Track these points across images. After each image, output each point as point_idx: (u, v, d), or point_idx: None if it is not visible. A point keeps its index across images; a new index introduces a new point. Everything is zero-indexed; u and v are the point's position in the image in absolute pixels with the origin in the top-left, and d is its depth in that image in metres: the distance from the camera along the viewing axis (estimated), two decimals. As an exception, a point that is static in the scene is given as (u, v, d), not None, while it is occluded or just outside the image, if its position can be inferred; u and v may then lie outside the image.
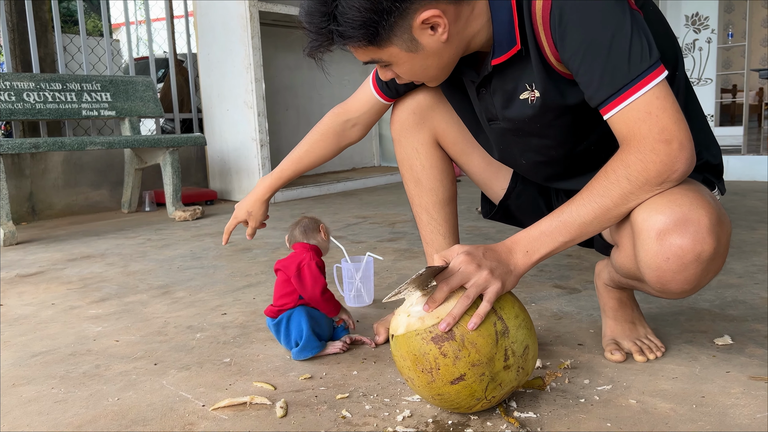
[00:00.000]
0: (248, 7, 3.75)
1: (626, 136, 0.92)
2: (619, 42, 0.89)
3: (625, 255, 1.02)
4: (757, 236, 2.25)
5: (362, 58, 0.99)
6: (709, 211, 0.89)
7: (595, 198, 0.94)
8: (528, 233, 0.98)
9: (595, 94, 0.93)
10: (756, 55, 10.05)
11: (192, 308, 1.68)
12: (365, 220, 3.07)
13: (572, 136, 1.09)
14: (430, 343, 0.89)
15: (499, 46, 1.00)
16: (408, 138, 1.36)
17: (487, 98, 1.11)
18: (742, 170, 3.98)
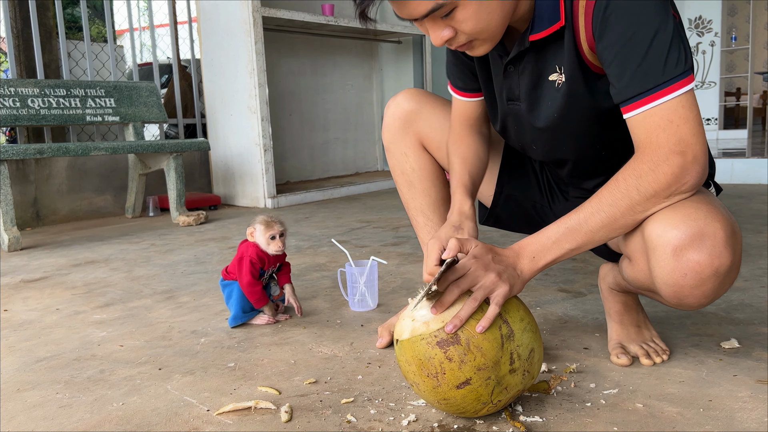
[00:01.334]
0: (251, 12, 3.76)
1: (643, 141, 0.91)
2: (660, 42, 0.88)
3: (639, 269, 0.99)
4: (762, 239, 2.24)
5: (422, 6, 0.89)
6: (724, 224, 0.88)
7: (604, 207, 0.93)
8: (535, 239, 0.98)
9: (624, 89, 0.91)
10: (760, 58, 10.02)
11: (196, 313, 1.68)
12: (369, 225, 3.07)
13: (587, 134, 1.08)
14: (435, 348, 0.89)
15: (539, 21, 0.98)
16: (396, 144, 1.39)
17: (513, 77, 1.09)
18: (746, 173, 3.96)
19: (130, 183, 3.75)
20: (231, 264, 1.56)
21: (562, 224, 0.97)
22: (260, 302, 1.52)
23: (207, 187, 4.46)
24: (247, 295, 1.50)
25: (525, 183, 1.35)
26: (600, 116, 1.03)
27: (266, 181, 3.94)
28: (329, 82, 5.16)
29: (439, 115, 1.36)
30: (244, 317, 1.53)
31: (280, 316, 1.57)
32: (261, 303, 1.52)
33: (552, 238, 0.97)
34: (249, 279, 1.49)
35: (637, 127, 0.92)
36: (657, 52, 0.87)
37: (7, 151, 2.75)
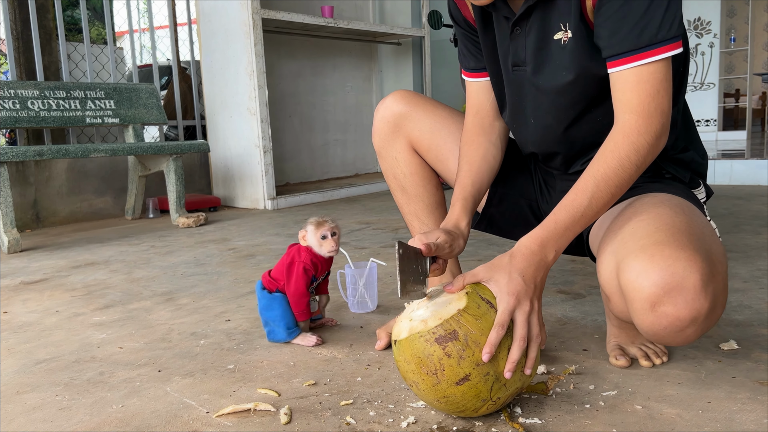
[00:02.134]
0: (251, 14, 3.76)
1: (635, 107, 0.95)
2: (658, 4, 0.92)
3: (619, 309, 0.99)
4: (761, 240, 2.25)
5: None
6: (699, 269, 0.86)
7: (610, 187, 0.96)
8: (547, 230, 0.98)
9: (618, 44, 0.94)
10: (759, 59, 10.04)
11: (196, 315, 1.68)
12: (368, 226, 3.07)
13: (587, 94, 1.08)
14: (434, 344, 0.89)
15: None
16: (387, 148, 1.38)
17: (520, 39, 1.10)
18: (746, 174, 3.97)
19: (130, 185, 3.75)
20: (276, 269, 1.40)
21: (569, 210, 0.97)
22: (303, 315, 1.39)
23: (207, 188, 4.47)
24: (294, 304, 1.36)
25: (520, 182, 1.34)
26: (600, 79, 1.04)
27: (266, 183, 3.95)
28: (329, 83, 5.17)
29: (430, 118, 1.35)
30: (291, 334, 1.38)
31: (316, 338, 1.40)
32: (304, 317, 1.39)
33: (564, 225, 0.97)
34: (300, 287, 1.35)
35: (627, 87, 0.95)
36: (654, 14, 0.92)
37: (6, 153, 2.75)
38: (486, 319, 0.91)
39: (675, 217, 0.95)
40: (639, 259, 0.88)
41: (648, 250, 0.88)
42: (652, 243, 0.89)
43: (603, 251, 0.98)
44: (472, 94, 1.28)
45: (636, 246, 0.90)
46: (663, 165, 1.14)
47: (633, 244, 0.91)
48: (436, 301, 0.96)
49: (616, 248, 0.94)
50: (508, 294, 0.92)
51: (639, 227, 0.94)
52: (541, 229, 0.98)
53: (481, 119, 1.27)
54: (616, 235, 0.97)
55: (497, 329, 0.89)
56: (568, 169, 1.21)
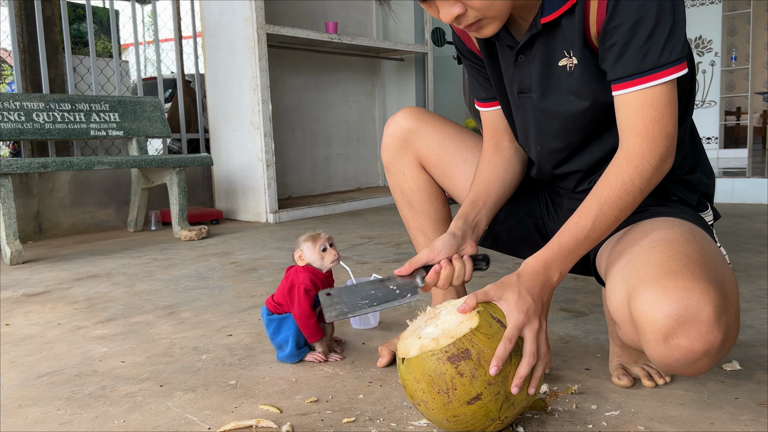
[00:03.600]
0: (256, 29, 3.80)
1: (640, 131, 0.96)
2: (662, 29, 0.93)
3: (629, 338, 0.98)
4: (762, 260, 2.25)
5: None
6: (713, 300, 0.85)
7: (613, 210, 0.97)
8: (552, 252, 0.99)
9: (623, 68, 0.95)
10: (759, 77, 10.08)
11: (198, 329, 1.68)
12: (370, 241, 3.08)
13: (595, 117, 1.09)
14: (447, 363, 0.89)
15: (550, 4, 1.01)
16: (395, 163, 1.39)
17: (524, 67, 1.11)
18: (747, 193, 3.98)
19: (133, 197, 3.76)
20: (278, 293, 1.38)
21: (572, 233, 0.98)
22: (314, 336, 1.35)
23: (209, 201, 4.48)
24: (302, 327, 1.33)
25: (526, 200, 1.35)
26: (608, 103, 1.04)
27: (268, 196, 3.96)
28: (332, 98, 5.20)
29: (439, 134, 1.36)
30: (299, 354, 1.37)
31: (332, 355, 1.39)
32: (315, 338, 1.35)
33: (568, 247, 0.98)
34: (304, 309, 1.32)
35: (631, 111, 0.96)
36: (658, 38, 0.93)
37: (11, 165, 2.76)
38: (497, 339, 0.91)
39: (686, 245, 0.94)
40: (652, 289, 0.87)
41: (661, 281, 0.87)
42: (665, 272, 0.88)
43: (612, 277, 0.97)
44: (487, 121, 1.30)
45: (648, 275, 0.89)
46: (670, 187, 1.14)
47: (645, 272, 0.90)
48: (445, 319, 0.96)
49: (627, 275, 0.93)
50: (518, 311, 0.93)
51: (650, 254, 0.93)
52: (545, 250, 0.99)
53: (497, 141, 1.28)
54: (626, 261, 0.96)
55: (505, 343, 0.90)
56: (576, 188, 1.22)
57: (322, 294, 1.03)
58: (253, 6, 3.78)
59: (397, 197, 1.43)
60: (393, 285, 1.04)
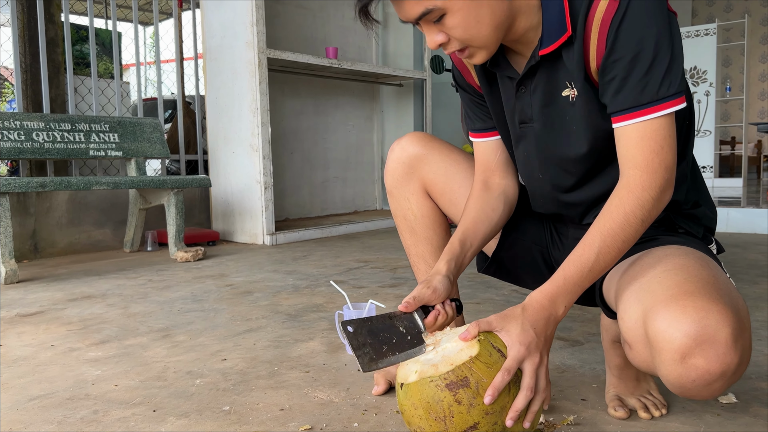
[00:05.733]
0: (257, 53, 3.84)
1: (639, 163, 0.97)
2: (661, 63, 0.95)
3: (641, 359, 0.96)
4: (759, 290, 2.25)
5: (413, 10, 0.96)
6: (731, 323, 0.85)
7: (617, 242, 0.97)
8: (556, 285, 0.99)
9: (622, 100, 0.97)
10: (754, 108, 10.22)
11: (192, 353, 1.67)
12: (367, 265, 3.08)
13: (597, 148, 1.10)
14: (445, 390, 0.89)
15: (548, 36, 1.02)
16: (399, 189, 1.38)
17: (525, 98, 1.12)
18: (742, 223, 4.00)
19: (130, 217, 3.76)
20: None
21: (577, 265, 0.98)
22: None
23: (206, 222, 4.48)
24: None
25: (531, 228, 1.35)
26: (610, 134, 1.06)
27: (266, 218, 3.96)
28: (331, 122, 5.23)
29: (445, 161, 1.36)
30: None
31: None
32: None
33: (572, 280, 0.98)
34: None
35: (631, 143, 0.97)
36: (657, 72, 0.95)
37: (9, 184, 2.76)
38: (497, 368, 0.91)
39: (701, 270, 0.95)
40: (670, 309, 0.86)
41: (680, 301, 0.87)
42: (683, 293, 0.88)
43: (626, 299, 0.97)
44: (479, 153, 1.30)
45: (666, 295, 0.89)
46: (677, 221, 1.15)
47: (662, 293, 0.90)
48: (445, 346, 0.96)
49: (642, 297, 0.93)
50: (519, 343, 0.93)
51: (666, 277, 0.94)
52: (550, 284, 0.99)
53: (487, 177, 1.28)
54: (640, 284, 0.96)
55: (503, 374, 0.90)
56: (582, 220, 1.22)
57: (345, 328, 1.01)
58: (255, 31, 3.83)
59: (399, 223, 1.42)
60: (399, 324, 1.03)
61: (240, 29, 3.93)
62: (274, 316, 2.05)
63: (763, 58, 10.16)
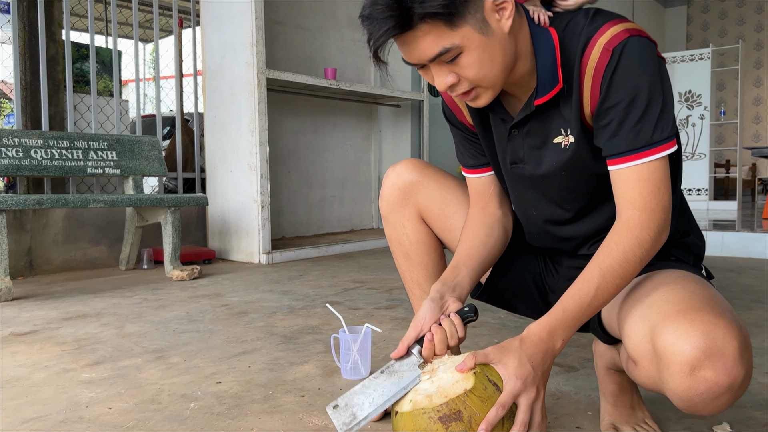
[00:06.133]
0: (256, 73, 3.87)
1: (638, 204, 0.99)
2: (654, 109, 0.98)
3: (647, 375, 0.97)
4: (753, 317, 2.26)
5: (430, 50, 0.96)
6: (737, 337, 0.87)
7: (615, 279, 0.99)
8: (555, 319, 0.99)
9: (618, 144, 0.99)
10: (748, 131, 10.31)
11: (187, 375, 1.67)
12: (363, 285, 3.07)
13: (589, 188, 1.12)
14: (438, 423, 0.89)
15: (543, 85, 1.04)
16: (395, 214, 1.40)
17: (517, 140, 1.14)
18: (737, 246, 4.01)
19: (126, 235, 3.76)
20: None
21: (576, 300, 0.99)
22: None
23: (202, 240, 4.47)
24: None
25: (525, 256, 1.36)
26: (602, 175, 1.08)
27: (262, 237, 3.96)
28: (328, 141, 5.26)
29: (440, 188, 1.37)
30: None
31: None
32: None
33: (571, 314, 0.99)
34: None
35: (629, 185, 1.00)
36: (650, 118, 0.97)
37: (6, 201, 2.76)
38: (491, 402, 0.91)
39: (703, 290, 0.96)
40: (679, 322, 0.88)
41: (687, 315, 0.88)
42: (690, 308, 0.89)
43: (630, 317, 0.98)
44: (474, 187, 1.32)
45: (673, 310, 0.90)
46: (669, 249, 1.16)
47: (668, 309, 0.91)
48: (441, 376, 0.96)
49: (648, 313, 0.94)
50: (516, 377, 0.93)
51: (670, 295, 0.95)
52: (549, 317, 0.99)
53: (483, 207, 1.29)
54: (644, 304, 0.98)
55: (497, 408, 0.90)
56: (576, 252, 1.23)
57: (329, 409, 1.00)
58: (255, 51, 3.86)
59: (394, 248, 1.44)
60: (393, 371, 1.03)
61: (240, 49, 3.97)
62: (270, 338, 2.05)
63: (756, 83, 10.28)
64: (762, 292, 2.74)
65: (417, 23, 0.92)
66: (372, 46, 0.96)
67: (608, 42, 0.99)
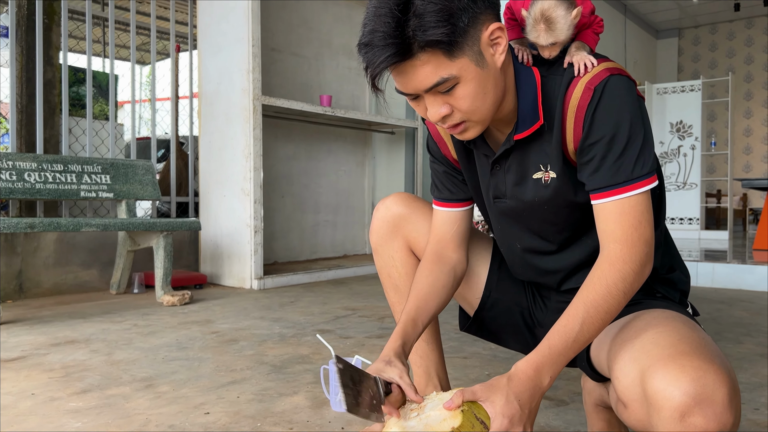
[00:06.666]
0: (252, 100, 3.90)
1: (619, 238, 1.00)
2: (634, 146, 1.00)
3: (636, 418, 0.96)
4: (743, 351, 2.26)
5: (428, 79, 0.96)
6: (726, 383, 0.87)
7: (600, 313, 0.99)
8: (542, 355, 0.99)
9: (599, 179, 1.02)
10: (739, 161, 10.43)
11: (175, 405, 1.65)
12: (354, 313, 3.07)
13: (571, 222, 1.14)
14: None
15: (523, 121, 1.07)
16: (384, 247, 1.41)
17: (499, 175, 1.15)
18: (728, 278, 4.03)
19: (118, 259, 3.74)
20: None
21: (561, 336, 0.99)
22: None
23: (194, 264, 4.46)
24: None
25: (512, 289, 1.37)
26: (584, 209, 1.09)
27: (254, 262, 3.96)
28: (322, 166, 5.29)
29: (428, 220, 1.39)
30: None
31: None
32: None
33: (557, 351, 0.99)
34: None
35: (611, 219, 1.01)
36: (630, 154, 1.00)
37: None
38: None
39: (692, 332, 0.96)
40: (669, 368, 0.88)
41: (677, 360, 0.88)
42: (679, 353, 0.89)
43: (620, 358, 0.98)
44: (437, 222, 1.31)
45: (663, 354, 0.90)
46: (654, 285, 1.17)
47: (658, 353, 0.91)
48: (429, 414, 0.96)
49: (638, 357, 0.94)
50: (503, 416, 0.93)
51: (660, 337, 0.95)
52: (536, 354, 0.99)
53: (441, 249, 1.29)
54: (633, 345, 0.97)
55: None
56: (560, 287, 1.24)
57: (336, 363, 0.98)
58: (251, 78, 3.90)
59: (384, 280, 1.45)
60: (371, 384, 1.02)
61: (236, 76, 4.00)
62: (259, 367, 2.04)
63: (747, 114, 10.42)
64: (752, 326, 2.75)
65: (417, 52, 0.93)
66: (370, 74, 0.96)
67: (590, 81, 1.02)
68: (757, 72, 10.35)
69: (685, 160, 7.05)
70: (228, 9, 4.07)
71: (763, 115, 10.33)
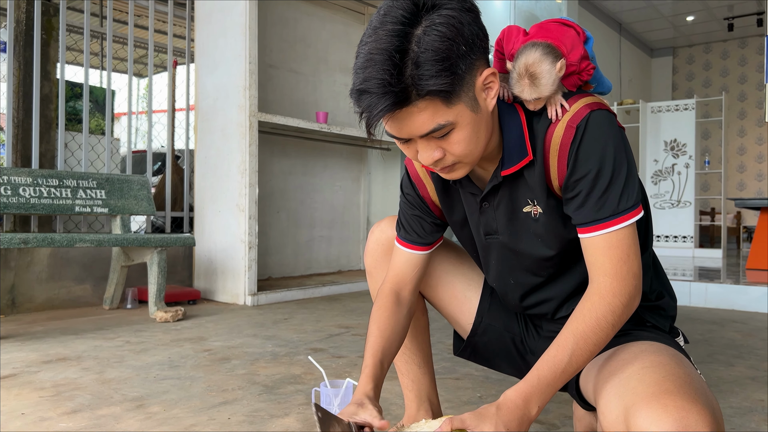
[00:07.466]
0: (248, 116, 3.92)
1: (608, 271, 1.01)
2: (618, 181, 1.02)
3: None
4: (734, 374, 2.27)
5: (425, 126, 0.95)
6: (710, 423, 0.87)
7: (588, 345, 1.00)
8: (530, 385, 1.00)
9: (586, 214, 1.03)
10: (733, 180, 10.50)
11: (165, 426, 1.65)
12: (348, 331, 3.06)
13: (564, 254, 1.14)
14: None
15: (509, 157, 1.08)
16: (378, 270, 1.43)
17: (489, 212, 1.16)
18: (721, 298, 4.05)
19: (112, 274, 3.74)
20: None
21: (550, 366, 1.00)
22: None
23: (188, 279, 4.45)
24: None
25: (504, 314, 1.37)
26: (574, 240, 1.10)
27: (248, 278, 3.95)
28: (318, 182, 5.30)
29: None
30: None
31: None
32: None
33: (546, 381, 0.99)
34: None
35: (599, 252, 1.03)
36: (615, 188, 1.02)
37: (-9, 240, 2.75)
38: None
39: (677, 368, 0.97)
40: (652, 407, 0.88)
41: (660, 399, 0.88)
42: (663, 391, 0.89)
43: (606, 394, 0.99)
44: (399, 261, 1.30)
45: (646, 392, 0.90)
46: (644, 315, 1.18)
47: (642, 390, 0.91)
48: None
49: (623, 393, 0.94)
50: None
51: (645, 374, 0.95)
52: (525, 383, 1.00)
53: (399, 290, 1.29)
54: (619, 380, 0.98)
55: None
56: (554, 316, 1.25)
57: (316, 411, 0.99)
58: (247, 95, 3.92)
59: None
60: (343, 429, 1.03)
61: (232, 92, 4.03)
62: (251, 387, 2.04)
63: (740, 133, 10.51)
64: (744, 347, 2.76)
65: (415, 100, 0.93)
66: (366, 121, 0.94)
67: (571, 119, 1.03)
68: (750, 91, 10.45)
69: (680, 178, 7.10)
70: (225, 25, 4.10)
71: (756, 134, 10.42)
